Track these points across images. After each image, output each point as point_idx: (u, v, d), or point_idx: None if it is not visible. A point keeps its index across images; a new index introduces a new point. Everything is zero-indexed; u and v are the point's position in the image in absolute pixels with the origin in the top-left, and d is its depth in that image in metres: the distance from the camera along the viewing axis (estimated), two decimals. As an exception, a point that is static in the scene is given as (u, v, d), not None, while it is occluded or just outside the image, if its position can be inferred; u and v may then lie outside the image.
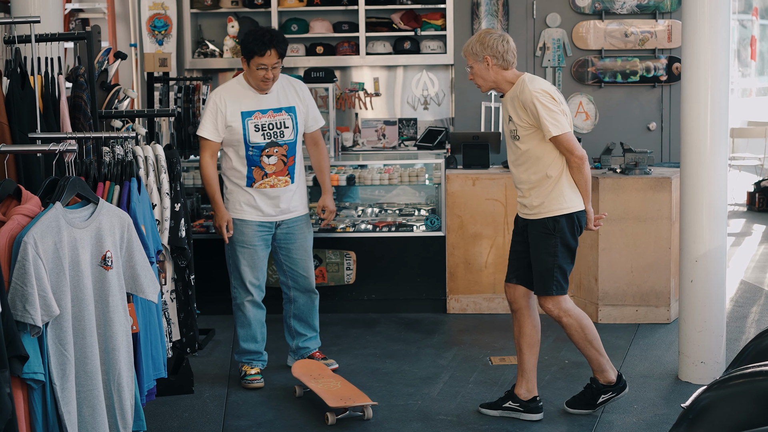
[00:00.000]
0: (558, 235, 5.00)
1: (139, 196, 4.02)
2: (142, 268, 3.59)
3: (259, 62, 5.44)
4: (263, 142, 5.54)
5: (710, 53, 5.44)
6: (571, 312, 5.08)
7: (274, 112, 5.60)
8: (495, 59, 4.96)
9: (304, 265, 5.80)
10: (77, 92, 4.64)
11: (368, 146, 8.47)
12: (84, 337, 3.36)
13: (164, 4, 8.34)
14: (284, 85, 5.68)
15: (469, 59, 5.04)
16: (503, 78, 5.01)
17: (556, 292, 5.04)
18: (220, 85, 5.71)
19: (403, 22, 8.34)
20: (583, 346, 5.14)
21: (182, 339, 5.15)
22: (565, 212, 5.00)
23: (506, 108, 5.08)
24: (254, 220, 5.62)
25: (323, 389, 5.27)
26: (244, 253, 5.63)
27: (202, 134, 5.55)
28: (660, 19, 8.29)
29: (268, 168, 5.57)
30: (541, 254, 5.04)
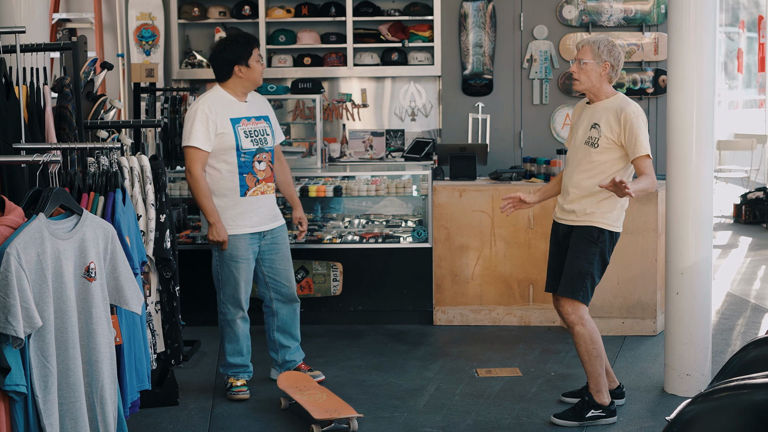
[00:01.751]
0: (600, 245, 5.13)
1: (123, 207, 4.01)
2: (126, 279, 3.58)
3: (258, 53, 5.60)
4: (253, 148, 5.56)
5: (696, 66, 5.46)
6: (586, 322, 5.16)
7: (256, 119, 5.65)
8: (611, 69, 5.11)
9: (286, 274, 5.80)
10: (63, 102, 4.62)
11: (355, 157, 8.46)
12: (67, 349, 3.34)
13: (152, 14, 8.33)
14: (255, 96, 5.78)
15: (587, 55, 5.11)
16: (603, 88, 5.16)
17: (581, 299, 5.14)
18: (202, 96, 5.64)
19: (391, 33, 8.34)
20: (587, 360, 5.17)
21: (167, 350, 5.13)
22: (610, 228, 5.15)
23: (593, 115, 5.16)
24: (246, 233, 5.59)
25: (309, 401, 5.25)
26: (239, 268, 5.59)
27: (194, 144, 5.43)
28: (647, 32, 8.31)
29: (260, 174, 5.58)
30: (578, 258, 5.14)
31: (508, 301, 7.13)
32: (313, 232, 7.24)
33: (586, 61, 5.10)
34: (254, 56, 5.58)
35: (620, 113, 5.05)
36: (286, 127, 8.37)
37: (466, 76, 8.33)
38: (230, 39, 5.63)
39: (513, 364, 6.23)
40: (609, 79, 5.16)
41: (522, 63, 8.33)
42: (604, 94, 5.17)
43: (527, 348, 6.59)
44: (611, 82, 5.18)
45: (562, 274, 5.22)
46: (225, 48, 5.57)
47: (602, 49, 5.10)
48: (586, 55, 5.11)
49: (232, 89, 5.60)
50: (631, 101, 5.14)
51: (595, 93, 5.17)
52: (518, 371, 6.09)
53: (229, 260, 5.58)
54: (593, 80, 5.13)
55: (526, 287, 7.10)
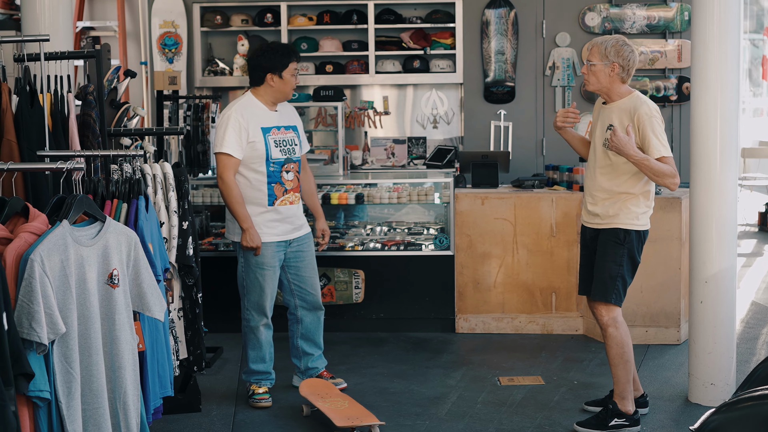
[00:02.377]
0: (627, 246, 5.14)
1: (146, 214, 4.02)
2: (148, 286, 3.59)
3: (295, 68, 5.56)
4: (282, 158, 5.57)
5: (719, 73, 5.43)
6: (620, 325, 5.15)
7: (285, 129, 5.65)
8: (621, 69, 5.07)
9: (311, 282, 5.80)
10: (86, 110, 4.64)
11: (377, 165, 8.46)
12: (90, 355, 3.35)
13: (175, 22, 8.37)
14: (285, 105, 5.76)
15: (594, 56, 5.09)
16: (616, 88, 5.12)
17: (614, 301, 5.13)
18: (234, 103, 5.62)
19: (413, 40, 8.34)
20: (616, 363, 5.15)
21: (189, 357, 5.13)
22: (636, 228, 5.14)
23: (608, 116, 5.14)
24: (273, 241, 5.60)
25: (330, 408, 5.24)
26: (265, 275, 5.60)
27: (227, 150, 5.43)
28: (670, 39, 8.28)
29: (288, 184, 5.59)
30: (607, 261, 5.14)
31: (531, 310, 7.11)
32: (335, 239, 7.24)
33: (593, 63, 5.08)
34: (290, 69, 5.55)
35: (633, 114, 5.02)
36: (308, 134, 8.38)
37: (488, 83, 8.32)
38: (270, 46, 5.62)
39: (535, 373, 6.21)
40: (621, 80, 5.10)
41: (544, 70, 8.32)
42: (617, 94, 5.13)
43: (550, 356, 6.57)
44: (624, 82, 5.13)
45: (594, 278, 5.21)
46: (263, 54, 5.57)
47: (609, 50, 5.06)
48: (594, 57, 5.10)
49: (263, 97, 5.60)
50: (645, 101, 5.08)
51: (607, 93, 5.15)
52: (541, 380, 6.07)
53: (255, 267, 5.59)
54: (603, 81, 5.10)
55: (549, 295, 7.07)
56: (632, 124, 5.00)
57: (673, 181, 4.98)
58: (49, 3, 5.38)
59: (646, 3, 8.27)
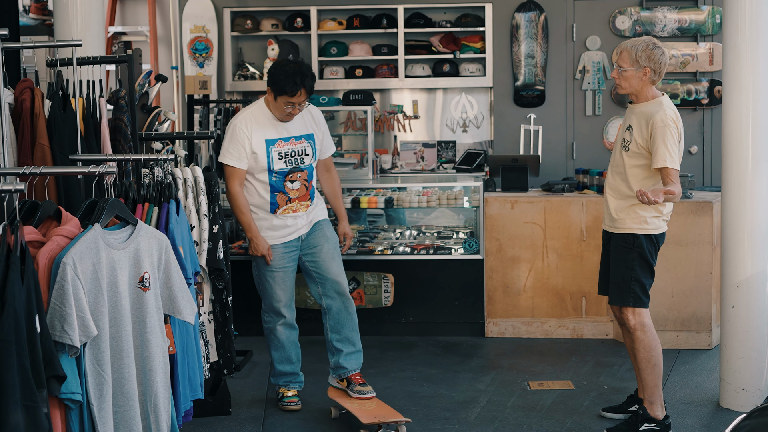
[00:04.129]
0: (636, 249, 5.11)
1: (177, 218, 4.05)
2: (179, 289, 3.61)
3: (287, 101, 5.39)
4: (286, 168, 5.51)
5: (752, 76, 5.39)
6: (647, 328, 5.13)
7: (296, 140, 5.56)
8: (653, 73, 5.04)
9: (327, 266, 5.62)
10: (118, 114, 4.68)
11: (407, 169, 8.47)
12: (121, 358, 3.38)
13: (205, 27, 8.42)
14: (303, 112, 5.62)
15: (625, 61, 5.06)
16: (645, 91, 5.10)
17: (633, 304, 5.11)
18: (244, 111, 5.60)
19: (443, 44, 8.34)
20: (644, 367, 5.13)
21: (219, 360, 5.16)
22: (645, 232, 5.11)
23: (629, 117, 5.14)
24: (280, 243, 5.59)
25: (358, 408, 5.27)
26: (274, 276, 5.59)
27: (228, 162, 5.45)
28: (701, 42, 8.23)
29: (292, 193, 5.53)
30: (619, 266, 5.14)
31: (561, 314, 7.08)
32: (364, 243, 7.25)
33: (625, 69, 5.06)
34: (283, 99, 5.38)
35: (650, 119, 4.99)
36: (338, 138, 8.40)
37: (518, 87, 8.31)
38: (280, 67, 5.44)
39: (565, 377, 6.18)
40: (653, 82, 5.08)
41: (574, 74, 8.30)
42: (644, 97, 5.10)
43: (580, 361, 6.54)
44: (655, 84, 5.10)
45: (609, 284, 5.22)
46: (274, 68, 5.46)
47: (640, 54, 5.02)
48: (625, 62, 5.06)
49: (271, 109, 5.53)
50: (666, 108, 5.01)
51: (637, 95, 5.13)
52: (571, 384, 6.04)
53: (264, 270, 5.60)
54: (634, 86, 5.08)
55: (579, 299, 7.04)
56: (648, 129, 4.97)
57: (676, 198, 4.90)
58: (81, 8, 5.43)
59: (677, 6, 8.22)
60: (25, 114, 3.99)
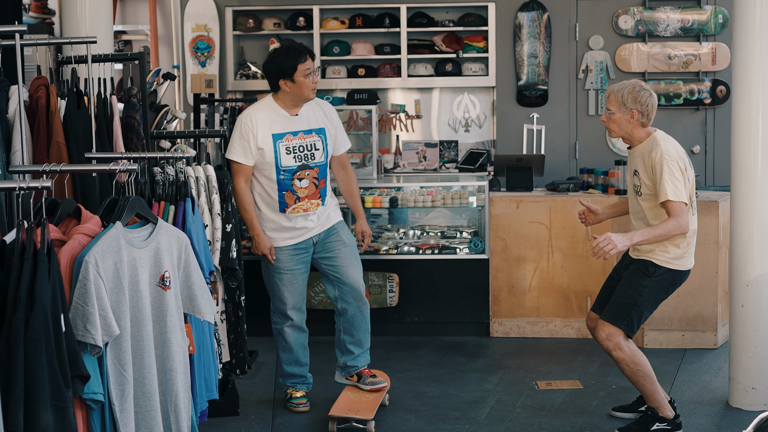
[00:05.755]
0: (654, 279, 5.04)
1: (193, 217, 4.02)
2: (199, 288, 3.58)
3: (305, 68, 5.35)
4: (295, 165, 5.43)
5: (762, 74, 5.38)
6: (622, 346, 5.04)
7: (305, 134, 5.49)
8: (640, 115, 5.02)
9: (345, 270, 5.59)
10: (130, 113, 4.65)
11: (409, 168, 8.45)
12: (142, 358, 3.35)
13: (207, 26, 8.38)
14: (313, 106, 5.57)
15: (612, 104, 5.06)
16: (638, 133, 5.07)
17: (624, 327, 5.04)
18: (249, 107, 5.57)
19: (445, 44, 8.33)
20: (635, 381, 5.11)
21: (232, 360, 5.13)
22: (668, 266, 5.04)
23: (632, 162, 5.13)
24: (288, 245, 5.53)
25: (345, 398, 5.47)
26: (282, 279, 5.55)
27: (233, 157, 5.41)
28: (704, 42, 8.23)
29: (301, 192, 5.46)
30: (628, 287, 5.07)
31: (566, 314, 7.07)
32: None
33: (612, 112, 5.06)
34: (300, 71, 5.34)
35: (647, 157, 4.98)
36: (341, 138, 8.36)
37: (521, 86, 8.30)
38: (278, 51, 5.43)
39: (573, 377, 6.17)
40: (643, 124, 5.05)
41: (577, 73, 8.29)
42: (637, 139, 5.08)
43: (586, 360, 6.53)
44: (645, 126, 5.06)
45: (611, 299, 5.16)
46: (271, 60, 5.43)
47: (626, 97, 5.01)
48: (612, 105, 5.06)
49: (283, 101, 5.48)
50: (661, 142, 4.98)
51: (629, 139, 5.11)
52: (579, 384, 6.03)
53: (273, 271, 5.56)
54: (623, 128, 5.06)
55: (584, 299, 7.03)
56: (650, 169, 4.96)
57: (678, 230, 4.86)
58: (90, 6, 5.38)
59: (679, 6, 8.22)
60: (40, 111, 3.95)
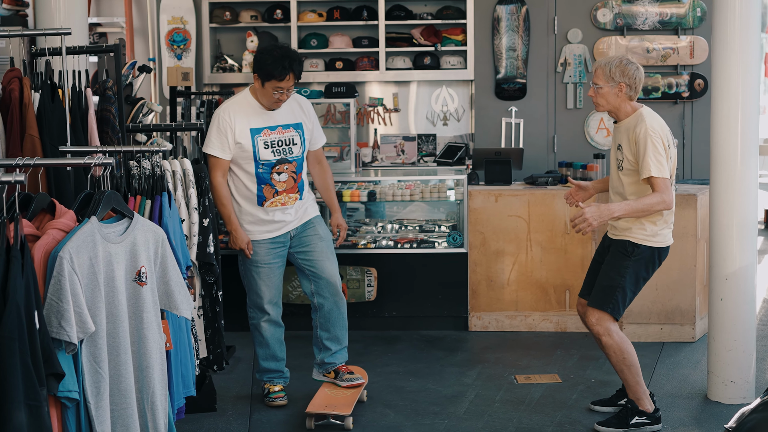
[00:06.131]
0: (634, 258, 5.04)
1: (170, 211, 3.97)
2: (176, 284, 3.53)
3: (276, 85, 5.30)
4: (273, 159, 5.41)
5: (741, 68, 5.38)
6: (613, 332, 5.07)
7: (283, 128, 5.47)
8: (628, 88, 5.03)
9: (321, 265, 5.56)
10: (105, 106, 4.58)
11: (387, 162, 8.40)
12: (118, 355, 3.29)
13: (183, 18, 8.30)
14: (290, 101, 5.53)
15: (600, 78, 5.05)
16: (625, 107, 5.07)
17: (610, 311, 5.05)
18: (227, 101, 5.54)
19: (424, 37, 8.28)
20: (620, 369, 5.11)
21: (209, 356, 5.08)
22: (648, 243, 5.04)
23: (617, 137, 5.12)
24: (265, 239, 5.50)
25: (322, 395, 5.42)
26: (259, 272, 5.52)
27: (210, 152, 5.37)
28: (682, 35, 8.22)
29: (279, 185, 5.43)
30: (610, 270, 5.08)
31: (545, 307, 7.06)
32: (347, 237, 7.18)
33: (600, 86, 5.05)
34: (272, 84, 5.28)
35: (632, 131, 4.98)
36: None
37: (500, 80, 8.27)
38: (271, 52, 5.33)
39: (552, 371, 6.16)
40: (630, 98, 5.06)
41: (556, 67, 8.27)
42: (624, 113, 5.09)
43: (565, 354, 6.52)
44: (632, 100, 5.08)
45: (595, 284, 5.16)
46: (260, 55, 5.37)
47: (614, 70, 5.02)
48: (599, 80, 5.06)
49: (258, 97, 5.45)
50: (646, 118, 4.99)
51: (616, 113, 5.11)
52: (558, 378, 6.02)
53: (250, 265, 5.52)
54: (611, 102, 5.06)
55: (563, 293, 7.02)
56: (634, 143, 4.95)
57: (663, 206, 4.88)
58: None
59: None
60: (13, 104, 3.89)
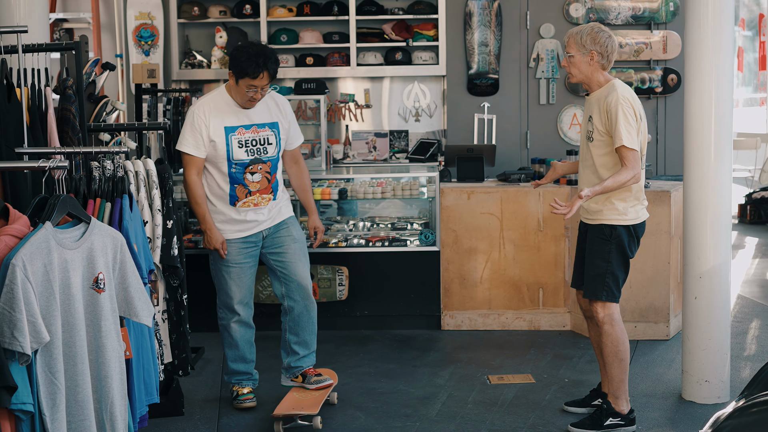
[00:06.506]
0: (614, 241, 5.00)
1: (131, 214, 3.85)
2: (135, 290, 3.42)
3: (249, 83, 5.20)
4: (247, 159, 5.30)
5: (714, 62, 5.32)
6: (616, 322, 5.04)
7: (258, 127, 5.36)
8: (600, 57, 4.95)
9: (293, 267, 5.47)
10: (65, 105, 4.46)
11: (359, 159, 8.31)
12: (75, 365, 3.18)
13: (151, 13, 8.17)
14: (266, 100, 5.42)
15: (572, 47, 4.98)
16: (598, 76, 5.00)
17: (605, 298, 5.01)
18: (201, 98, 5.44)
19: (395, 32, 8.19)
20: (610, 361, 5.05)
21: (174, 361, 4.97)
22: (622, 223, 5.01)
23: (589, 108, 5.05)
24: (237, 238, 5.40)
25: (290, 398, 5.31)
26: (230, 272, 5.41)
27: (184, 149, 5.27)
28: (655, 30, 8.18)
29: (252, 186, 5.33)
30: (595, 258, 5.03)
31: (518, 305, 6.99)
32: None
33: (572, 54, 4.98)
34: (245, 82, 5.18)
35: (603, 101, 4.91)
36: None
37: (472, 75, 8.19)
38: (247, 50, 5.22)
39: (525, 371, 6.09)
40: (602, 67, 4.98)
41: (528, 62, 8.20)
42: (596, 83, 5.01)
43: (539, 353, 6.45)
44: (605, 69, 5.00)
45: (584, 276, 5.11)
46: (236, 53, 5.26)
47: (585, 38, 4.94)
48: (572, 48, 5.00)
49: (232, 95, 5.34)
50: (618, 88, 4.92)
51: (589, 84, 5.04)
52: (531, 378, 5.95)
53: (221, 264, 5.42)
54: (584, 71, 4.99)
55: (536, 291, 6.96)
56: (605, 113, 4.88)
57: (633, 180, 4.84)
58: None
59: (630, -7, 8.16)
60: (-33, 105, 3.76)
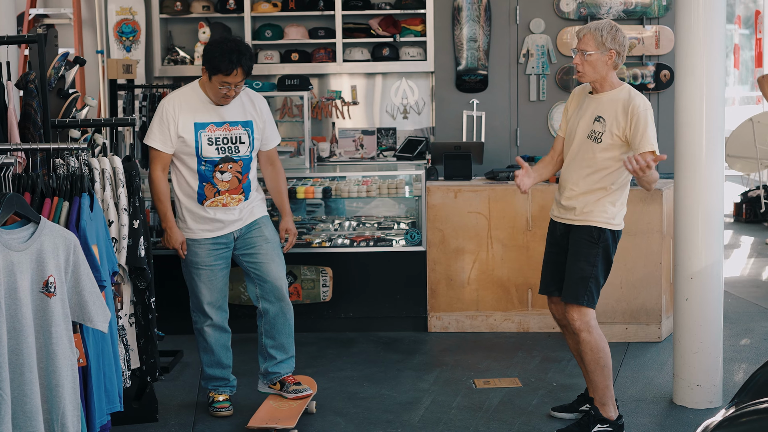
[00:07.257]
0: (601, 245, 4.83)
1: (91, 214, 3.67)
2: (90, 294, 3.24)
3: (223, 80, 5.01)
4: (217, 156, 5.12)
5: (705, 58, 5.15)
6: (593, 329, 4.85)
7: (230, 125, 5.16)
8: (617, 56, 4.78)
9: (266, 268, 5.27)
10: (28, 100, 4.29)
11: (345, 157, 8.14)
12: (22, 373, 3.01)
13: (132, 9, 8.00)
14: (242, 97, 5.23)
15: (590, 45, 4.75)
16: (609, 78, 4.83)
17: (586, 303, 4.83)
18: (173, 92, 5.26)
19: (382, 27, 8.03)
20: (592, 369, 4.87)
21: (142, 366, 4.78)
22: (611, 227, 4.85)
23: (597, 107, 4.83)
24: (206, 238, 5.21)
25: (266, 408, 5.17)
26: (200, 274, 5.23)
27: (150, 144, 5.10)
28: (647, 25, 8.01)
29: (221, 185, 5.14)
30: (580, 261, 4.84)
31: (506, 307, 6.82)
32: (301, 235, 6.91)
33: (590, 53, 4.76)
34: (218, 79, 4.99)
35: (628, 106, 4.72)
36: (273, 125, 8.04)
37: (460, 71, 8.03)
38: (220, 46, 5.02)
39: (512, 374, 5.91)
40: (615, 66, 4.81)
41: (518, 58, 8.03)
42: (609, 84, 4.83)
43: (527, 356, 6.28)
44: (616, 69, 4.84)
45: (565, 278, 4.90)
46: (209, 48, 5.06)
47: (606, 36, 4.74)
48: (589, 46, 4.76)
49: (206, 91, 5.15)
50: (638, 93, 4.81)
51: (600, 83, 4.84)
52: (518, 381, 5.78)
53: (190, 266, 5.24)
54: (599, 71, 4.78)
55: (525, 292, 6.78)
56: (626, 117, 4.71)
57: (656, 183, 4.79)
58: (-11, -14, 5.01)
59: (622, -13, 8.00)
60: None
